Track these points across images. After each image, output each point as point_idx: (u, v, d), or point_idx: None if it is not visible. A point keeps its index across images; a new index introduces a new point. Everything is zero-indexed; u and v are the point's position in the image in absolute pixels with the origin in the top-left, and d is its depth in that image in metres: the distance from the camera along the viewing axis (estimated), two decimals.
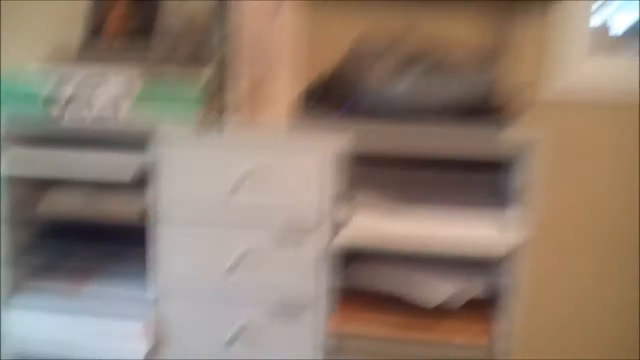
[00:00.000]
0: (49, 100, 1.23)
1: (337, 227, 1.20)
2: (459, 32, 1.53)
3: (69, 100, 1.23)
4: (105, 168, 1.24)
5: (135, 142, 1.22)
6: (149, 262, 1.25)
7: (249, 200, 1.21)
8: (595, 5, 1.54)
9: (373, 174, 1.25)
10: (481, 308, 1.26)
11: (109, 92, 1.21)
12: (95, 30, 1.38)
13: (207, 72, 1.20)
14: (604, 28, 1.59)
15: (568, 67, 1.54)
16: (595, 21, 1.56)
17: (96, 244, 1.36)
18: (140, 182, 1.25)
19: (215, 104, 1.20)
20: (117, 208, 1.28)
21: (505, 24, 1.52)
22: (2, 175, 1.27)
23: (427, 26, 1.52)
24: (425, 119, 1.24)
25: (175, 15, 1.42)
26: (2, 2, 1.65)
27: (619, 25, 1.61)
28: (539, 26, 1.53)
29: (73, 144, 1.31)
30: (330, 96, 1.35)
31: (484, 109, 1.27)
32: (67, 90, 1.22)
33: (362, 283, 1.25)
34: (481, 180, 1.30)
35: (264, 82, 1.19)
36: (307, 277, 1.22)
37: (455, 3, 1.53)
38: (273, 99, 1.20)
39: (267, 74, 1.19)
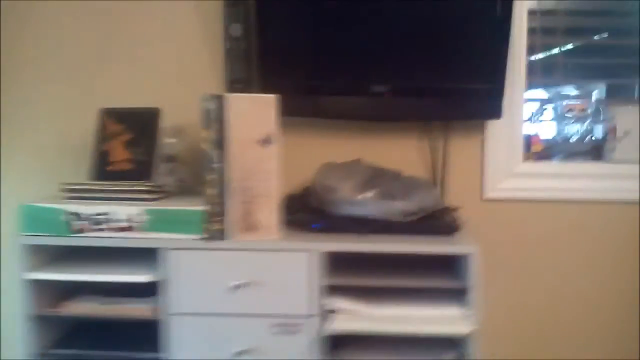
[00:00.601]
0: (72, 218, 1.44)
1: (325, 316, 1.41)
2: (405, 153, 1.82)
3: (89, 217, 1.44)
4: (125, 273, 1.45)
5: (148, 252, 1.44)
6: (161, 352, 1.44)
7: (249, 295, 1.42)
8: (525, 117, 1.85)
9: (348, 279, 1.48)
10: None
11: (125, 211, 1.43)
12: (101, 164, 1.60)
13: (207, 196, 1.42)
14: (534, 136, 1.90)
15: (505, 171, 1.82)
16: (526, 130, 1.86)
17: (114, 341, 1.53)
18: (152, 284, 1.45)
19: (215, 221, 1.42)
20: (132, 307, 1.47)
21: (445, 142, 1.81)
22: (28, 279, 1.46)
23: (378, 149, 1.80)
24: (387, 228, 1.49)
25: (172, 146, 1.67)
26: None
27: (548, 133, 1.93)
28: (477, 140, 1.82)
29: (97, 254, 1.52)
30: (305, 210, 1.60)
31: (434, 218, 1.54)
32: (88, 210, 1.44)
33: None
34: (438, 274, 1.54)
35: (252, 211, 1.43)
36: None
37: (399, 131, 1.82)
38: (259, 225, 1.44)
39: (254, 204, 1.43)
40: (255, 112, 1.42)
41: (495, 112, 1.73)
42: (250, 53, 1.79)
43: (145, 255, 1.47)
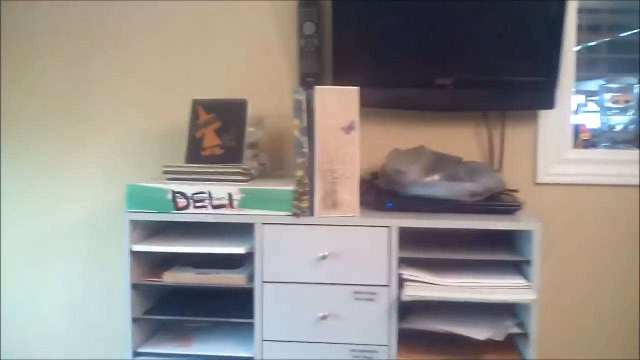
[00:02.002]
0: (175, 196, 1.59)
1: (400, 285, 1.55)
2: (465, 141, 1.95)
3: (191, 195, 1.59)
4: (223, 246, 1.60)
5: (245, 226, 1.58)
6: (253, 316, 1.59)
7: (332, 265, 1.56)
8: (574, 108, 1.96)
9: (419, 253, 1.61)
10: (513, 343, 1.61)
11: (222, 190, 1.58)
12: (195, 149, 1.75)
13: (296, 178, 1.56)
14: (582, 125, 2.02)
15: (556, 157, 1.94)
16: (575, 120, 1.98)
17: (207, 308, 1.68)
18: (248, 258, 1.60)
19: (303, 200, 1.57)
20: (227, 277, 1.62)
21: (501, 131, 1.93)
22: (133, 250, 1.62)
23: (440, 138, 1.93)
24: (455, 206, 1.63)
25: (253, 133, 1.82)
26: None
27: (594, 123, 2.04)
28: (530, 129, 1.95)
29: (195, 229, 1.68)
30: (376, 191, 1.74)
31: (497, 198, 1.67)
32: (191, 189, 1.59)
33: (422, 329, 1.59)
34: (497, 249, 1.67)
35: (335, 190, 1.57)
36: (379, 326, 1.56)
37: (459, 120, 1.94)
38: (341, 203, 1.58)
39: (337, 184, 1.57)
40: (340, 103, 1.56)
41: (548, 102, 1.85)
42: (321, 50, 1.93)
43: (239, 230, 1.62)
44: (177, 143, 1.81)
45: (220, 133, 1.76)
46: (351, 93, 1.56)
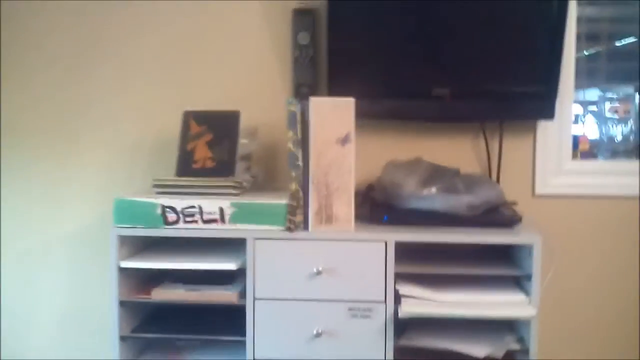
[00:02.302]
0: (165, 210, 1.54)
1: (397, 301, 1.50)
2: (462, 152, 1.90)
3: (181, 210, 1.54)
4: (214, 262, 1.55)
5: (236, 241, 1.53)
6: (245, 334, 1.53)
7: (327, 281, 1.51)
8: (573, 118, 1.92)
9: (416, 268, 1.56)
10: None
11: (213, 205, 1.53)
12: (186, 162, 1.69)
13: (290, 191, 1.52)
14: (582, 136, 1.98)
15: (555, 168, 1.89)
16: (574, 131, 1.94)
17: (197, 325, 1.63)
18: (239, 274, 1.55)
19: (297, 214, 1.52)
20: (218, 293, 1.57)
21: (499, 142, 1.88)
22: (121, 266, 1.56)
23: (437, 149, 1.88)
24: (453, 220, 1.58)
25: (245, 145, 1.76)
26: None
27: (593, 133, 2.00)
28: (529, 139, 1.90)
29: (185, 245, 1.62)
30: (371, 204, 1.69)
31: (496, 211, 1.62)
32: (181, 203, 1.54)
33: (419, 346, 1.54)
34: (495, 264, 1.62)
35: (330, 204, 1.52)
36: (375, 343, 1.51)
37: (456, 131, 1.90)
38: (336, 217, 1.53)
39: (332, 197, 1.52)
40: (335, 114, 1.51)
41: (547, 112, 1.81)
42: (316, 60, 1.88)
43: (231, 245, 1.57)
44: (170, 155, 1.76)
45: (212, 145, 1.72)
46: (347, 104, 1.52)
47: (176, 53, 1.96)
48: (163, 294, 1.59)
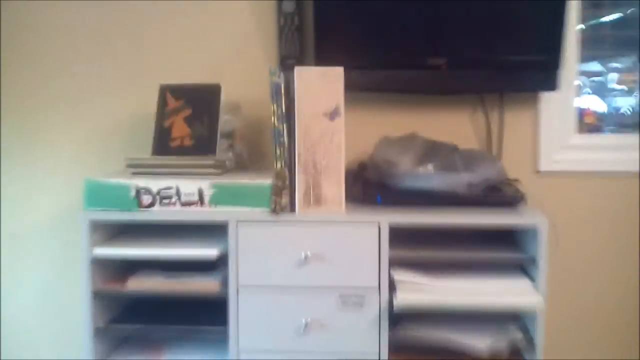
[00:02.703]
0: (139, 193, 1.40)
1: (392, 289, 1.37)
2: (459, 126, 1.76)
3: (157, 192, 1.40)
4: (193, 249, 1.41)
5: (217, 225, 1.40)
6: (228, 328, 1.40)
7: (316, 267, 1.38)
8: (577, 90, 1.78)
9: (412, 252, 1.43)
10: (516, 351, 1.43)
11: (192, 185, 1.39)
12: (163, 140, 1.55)
13: (274, 171, 1.38)
14: (586, 109, 1.84)
15: (559, 143, 1.76)
16: (579, 103, 1.80)
17: (177, 316, 1.49)
18: (221, 261, 1.41)
19: (282, 195, 1.38)
20: (199, 283, 1.44)
21: (499, 115, 1.75)
22: (94, 256, 1.42)
23: (432, 123, 1.74)
24: (452, 200, 1.44)
25: (228, 122, 1.62)
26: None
27: (599, 105, 1.87)
28: (531, 112, 1.76)
29: (162, 230, 1.49)
30: (364, 184, 1.56)
31: (498, 190, 1.49)
32: (155, 184, 1.40)
33: (416, 338, 1.41)
34: (496, 247, 1.49)
35: (318, 184, 1.39)
36: (368, 334, 1.38)
37: (453, 104, 1.76)
38: (325, 198, 1.39)
39: (321, 177, 1.38)
40: (322, 85, 1.37)
41: (550, 84, 1.67)
42: (303, 29, 1.73)
43: (212, 230, 1.44)
44: (149, 134, 1.61)
45: (190, 121, 1.57)
46: (335, 74, 1.38)
47: (152, 25, 1.81)
48: (139, 284, 1.46)
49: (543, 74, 1.67)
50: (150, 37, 1.81)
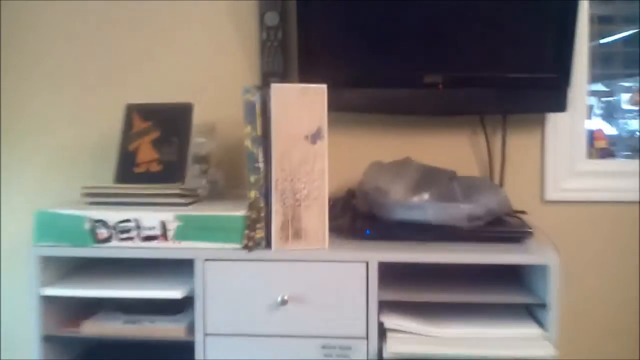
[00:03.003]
0: (97, 226, 1.23)
1: (381, 339, 1.19)
2: (458, 151, 1.60)
3: (115, 225, 1.22)
4: (155, 289, 1.23)
5: (182, 262, 1.22)
6: None
7: (295, 312, 1.19)
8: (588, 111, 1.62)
9: (402, 295, 1.25)
10: None
11: (155, 217, 1.22)
12: (127, 165, 1.38)
13: (247, 202, 1.21)
14: (598, 131, 1.67)
15: (567, 169, 1.58)
16: (589, 125, 1.63)
17: None
18: (187, 302, 1.23)
19: (257, 228, 1.20)
20: (162, 327, 1.25)
21: (502, 137, 1.57)
22: (43, 294, 1.24)
23: (427, 147, 1.58)
24: (451, 234, 1.27)
25: (203, 145, 1.45)
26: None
27: (610, 128, 1.69)
28: (537, 136, 1.59)
29: (119, 267, 1.31)
30: (351, 215, 1.39)
31: (502, 223, 1.32)
32: (114, 216, 1.22)
33: None
34: (506, 288, 1.31)
35: (298, 216, 1.21)
36: None
37: (451, 126, 1.59)
38: (306, 232, 1.21)
39: (301, 208, 1.21)
40: (303, 104, 1.20)
41: (558, 104, 1.51)
42: (287, 43, 1.58)
43: (178, 268, 1.26)
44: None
45: (159, 145, 1.40)
46: (317, 92, 1.21)
47: (118, 40, 1.65)
48: (94, 328, 1.28)
49: (550, 93, 1.51)
50: (118, 54, 1.65)
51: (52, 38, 1.66)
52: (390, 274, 1.23)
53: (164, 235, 1.22)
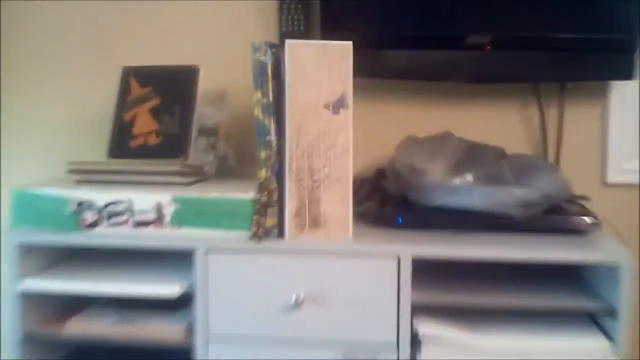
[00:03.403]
0: (82, 208, 1.04)
1: (414, 347, 0.98)
2: (506, 125, 1.36)
3: (104, 207, 1.03)
4: (148, 284, 1.04)
5: (181, 253, 1.02)
6: None
7: (312, 314, 0.99)
8: None
9: (439, 297, 1.04)
10: None
11: (150, 199, 1.02)
12: (121, 138, 1.19)
13: (257, 182, 1.00)
14: None
15: (634, 147, 1.35)
16: None
17: None
18: (186, 298, 1.04)
19: (269, 214, 1.00)
20: (157, 328, 1.06)
21: (559, 109, 1.34)
22: (22, 291, 1.06)
23: (470, 120, 1.35)
24: (502, 224, 1.05)
25: (211, 115, 1.26)
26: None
27: None
28: (599, 108, 1.35)
29: (108, 256, 1.12)
30: (380, 199, 1.18)
31: (562, 211, 1.09)
32: (103, 197, 1.03)
33: None
34: (564, 289, 1.09)
35: (318, 199, 1.00)
36: None
37: (498, 96, 1.35)
38: (326, 219, 1.01)
39: (321, 190, 1.00)
40: (324, 66, 0.98)
41: (626, 71, 1.27)
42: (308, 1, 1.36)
43: (176, 259, 1.06)
44: None
45: (158, 114, 1.20)
46: (341, 51, 0.99)
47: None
48: (80, 327, 1.09)
49: (616, 58, 1.27)
50: (122, 13, 1.45)
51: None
52: (427, 271, 1.02)
53: (160, 220, 1.02)
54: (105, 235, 1.04)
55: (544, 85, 1.34)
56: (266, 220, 1.01)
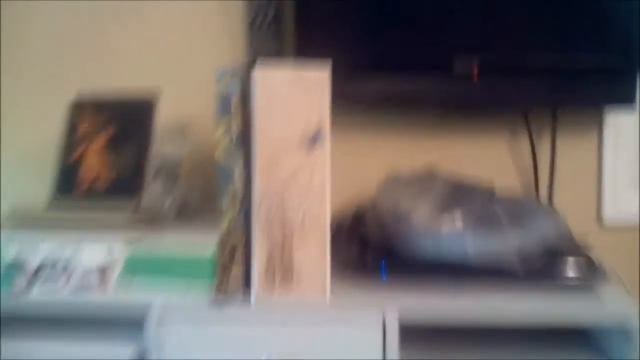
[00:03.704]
0: (12, 270, 0.87)
1: None
2: (493, 157, 1.25)
3: (39, 268, 0.87)
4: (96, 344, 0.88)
5: (129, 320, 0.87)
6: None
7: None
8: None
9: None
10: None
11: (93, 257, 0.86)
12: (67, 181, 1.04)
13: (219, 232, 0.86)
14: None
15: (633, 182, 1.24)
16: None
17: None
18: None
19: (233, 270, 0.85)
20: None
21: (551, 139, 1.23)
22: None
23: (454, 153, 1.23)
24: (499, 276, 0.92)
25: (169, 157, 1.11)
26: None
27: None
28: (594, 137, 1.24)
29: (44, 326, 0.95)
30: (359, 247, 1.04)
31: (559, 262, 0.96)
32: (37, 256, 0.87)
33: None
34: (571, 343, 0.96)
35: (290, 251, 0.86)
36: None
37: (485, 125, 1.24)
38: (300, 274, 0.86)
39: (294, 239, 0.86)
40: (298, 95, 0.85)
41: (623, 97, 1.16)
42: (280, 20, 1.23)
43: (124, 324, 0.91)
44: None
45: (110, 150, 1.06)
46: (317, 79, 0.85)
47: (76, 23, 1.29)
48: None
49: (613, 83, 1.15)
50: (74, 38, 1.30)
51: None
52: (415, 330, 0.88)
53: (103, 281, 0.86)
54: (37, 302, 0.88)
55: (535, 114, 1.22)
56: (229, 278, 0.86)
